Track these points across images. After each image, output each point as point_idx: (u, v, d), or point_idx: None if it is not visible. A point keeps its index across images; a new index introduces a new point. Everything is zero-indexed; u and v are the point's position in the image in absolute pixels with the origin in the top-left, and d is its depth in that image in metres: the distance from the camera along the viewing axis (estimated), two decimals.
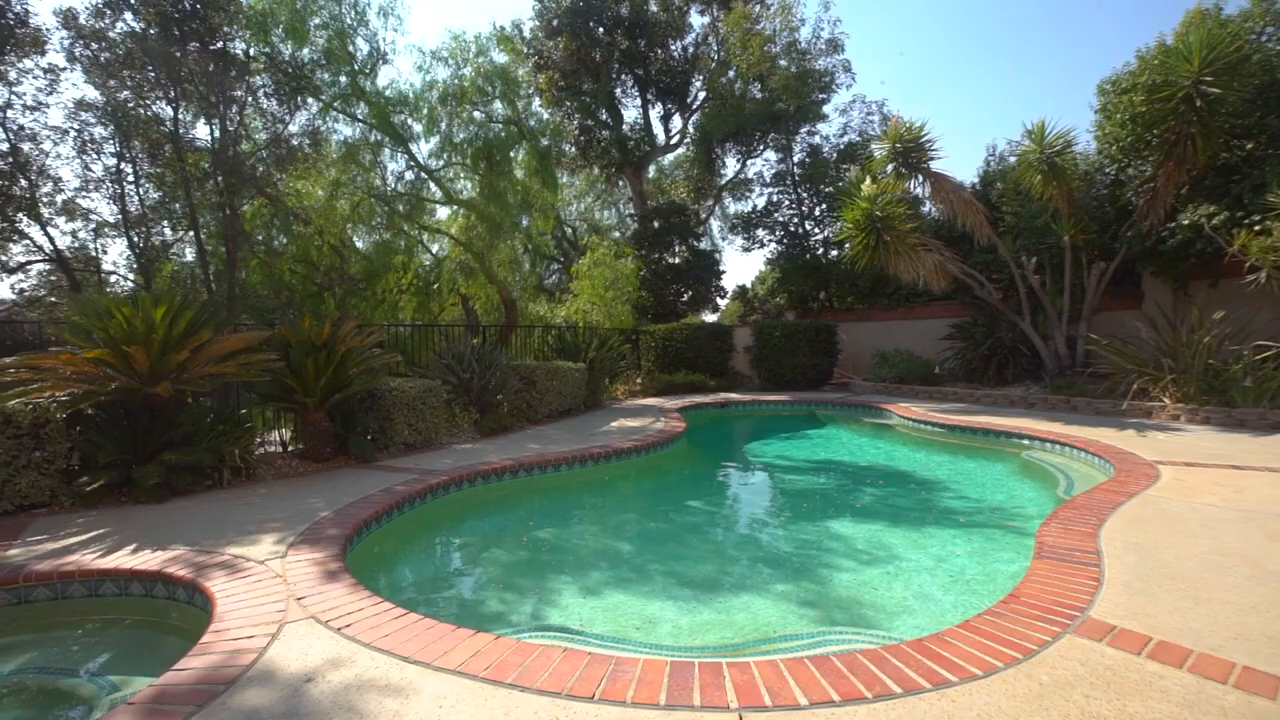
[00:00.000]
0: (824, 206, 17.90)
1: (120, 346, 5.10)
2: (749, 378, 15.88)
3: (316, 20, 11.61)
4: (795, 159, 18.43)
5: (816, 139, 18.54)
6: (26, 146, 10.51)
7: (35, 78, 10.07)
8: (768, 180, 19.58)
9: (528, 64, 19.91)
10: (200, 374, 5.52)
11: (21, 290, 12.00)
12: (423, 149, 12.80)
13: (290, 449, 7.19)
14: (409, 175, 13.04)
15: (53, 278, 12.01)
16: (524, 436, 8.71)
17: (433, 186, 13.39)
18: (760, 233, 19.19)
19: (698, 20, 21.67)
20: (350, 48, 12.01)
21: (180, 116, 10.56)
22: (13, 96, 10.54)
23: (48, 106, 10.16)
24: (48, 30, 9.75)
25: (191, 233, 11.74)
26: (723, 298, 19.98)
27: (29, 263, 11.48)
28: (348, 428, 6.91)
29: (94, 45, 9.83)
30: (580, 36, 19.25)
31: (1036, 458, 7.44)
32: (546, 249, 14.67)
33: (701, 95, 21.33)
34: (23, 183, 10.23)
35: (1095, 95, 11.66)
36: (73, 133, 10.39)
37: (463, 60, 12.55)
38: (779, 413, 12.59)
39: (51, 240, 10.78)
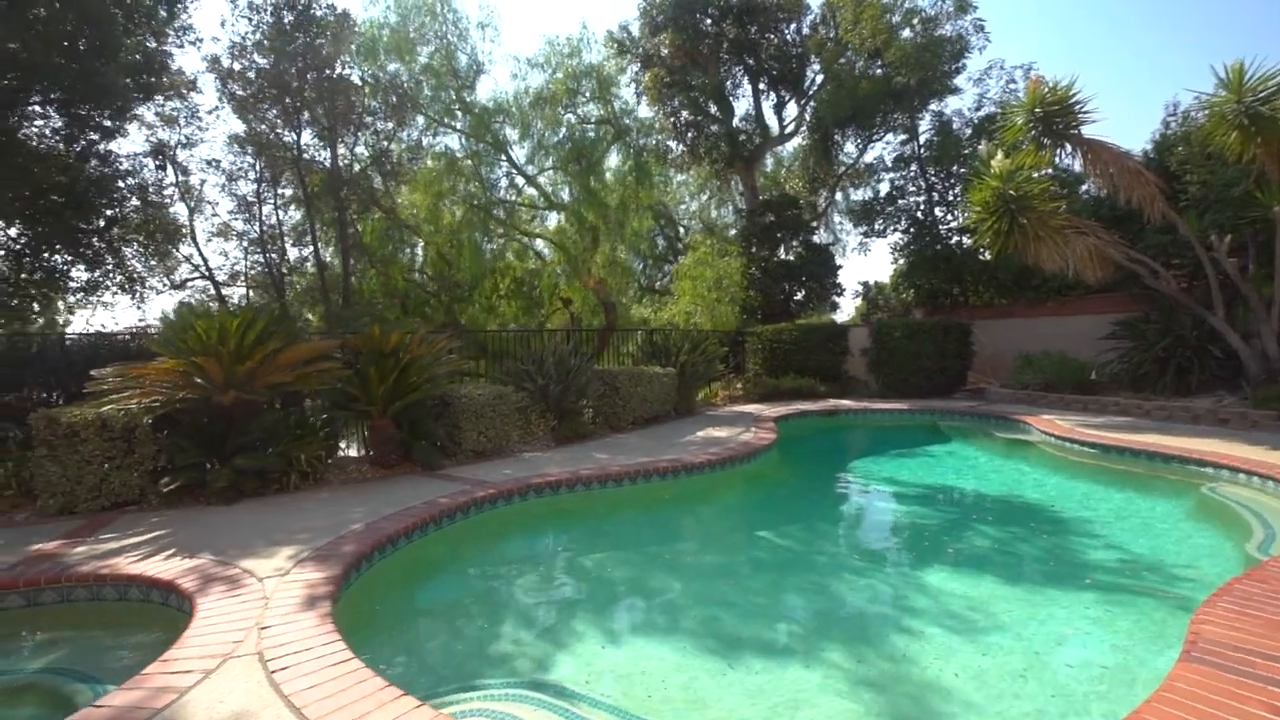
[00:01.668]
0: (958, 190, 15.83)
1: (192, 357, 5.42)
2: (865, 383, 14.39)
3: (420, 36, 12.17)
4: (922, 138, 16.50)
5: (947, 113, 16.45)
6: (191, 178, 12.11)
7: (192, 118, 11.58)
8: (889, 164, 17.75)
9: (635, 64, 19.77)
10: (266, 383, 5.75)
11: (186, 303, 13.98)
12: (518, 154, 13.08)
13: (361, 455, 7.41)
14: (504, 181, 13.38)
15: (207, 294, 13.90)
16: (599, 445, 8.38)
17: (530, 190, 13.59)
18: (882, 223, 17.43)
19: (815, 3, 20.29)
20: (452, 62, 12.48)
21: (303, 142, 11.56)
22: (183, 136, 12.18)
23: (203, 141, 11.64)
24: (193, 75, 11.18)
25: (327, 246, 12.81)
26: (840, 295, 18.46)
27: (189, 279, 13.38)
28: (414, 434, 6.96)
29: (234, 84, 11.03)
30: (686, 30, 18.71)
31: (1225, 495, 5.72)
32: (645, 250, 14.36)
33: (819, 80, 19.92)
34: (185, 210, 11.81)
35: None
36: (224, 163, 11.81)
37: (556, 64, 12.60)
38: (894, 424, 11.19)
39: (205, 260, 12.41)
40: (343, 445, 7.57)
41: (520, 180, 13.58)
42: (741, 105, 21.36)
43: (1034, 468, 7.75)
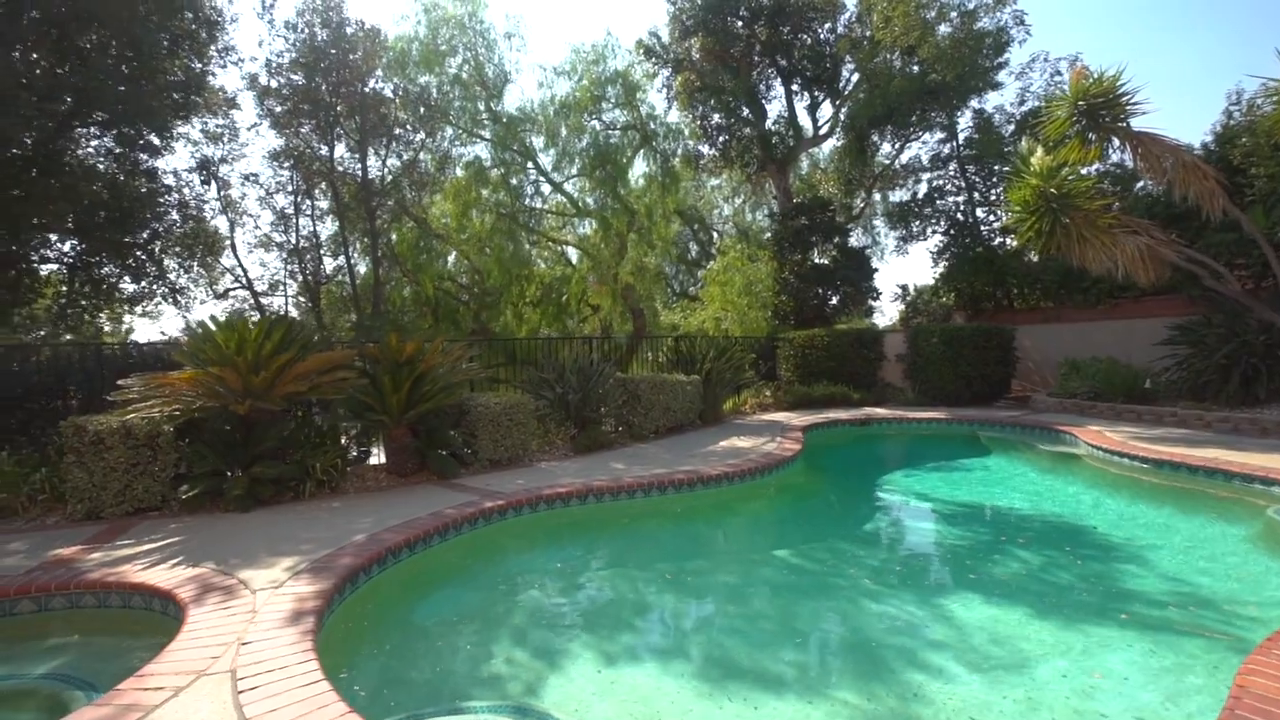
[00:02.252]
0: (1000, 189, 15.15)
1: (210, 367, 5.53)
2: (902, 390, 13.87)
3: (449, 49, 12.35)
4: (961, 136, 15.87)
5: (988, 109, 15.80)
6: (232, 192, 12.60)
7: (233, 136, 12.06)
8: (926, 164, 17.13)
9: (666, 69, 19.69)
10: (282, 392, 5.83)
11: (227, 314, 14.56)
12: (545, 161, 13.14)
13: (380, 463, 7.47)
14: (531, 188, 13.45)
15: (248, 303, 14.42)
16: (618, 455, 8.25)
17: (557, 197, 13.64)
18: (920, 224, 16.83)
19: (852, 2, 19.83)
20: (480, 73, 12.63)
21: (336, 155, 11.87)
22: (227, 151, 12.68)
23: (244, 156, 12.09)
24: (233, 93, 11.63)
25: (362, 256, 13.11)
26: (876, 300, 17.89)
27: (231, 290, 13.93)
28: (430, 443, 6.97)
29: (271, 101, 11.41)
30: (716, 33, 18.54)
31: None
32: (674, 255, 14.24)
33: (854, 79, 19.45)
34: (226, 223, 12.29)
35: None
36: (263, 176, 12.25)
37: (581, 72, 12.62)
38: (930, 434, 10.72)
39: (245, 270, 12.91)
40: (366, 454, 7.65)
41: (547, 187, 13.66)
42: (774, 107, 21.02)
43: (1079, 484, 7.25)
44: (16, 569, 4.20)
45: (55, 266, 9.39)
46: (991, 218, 15.57)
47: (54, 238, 9.29)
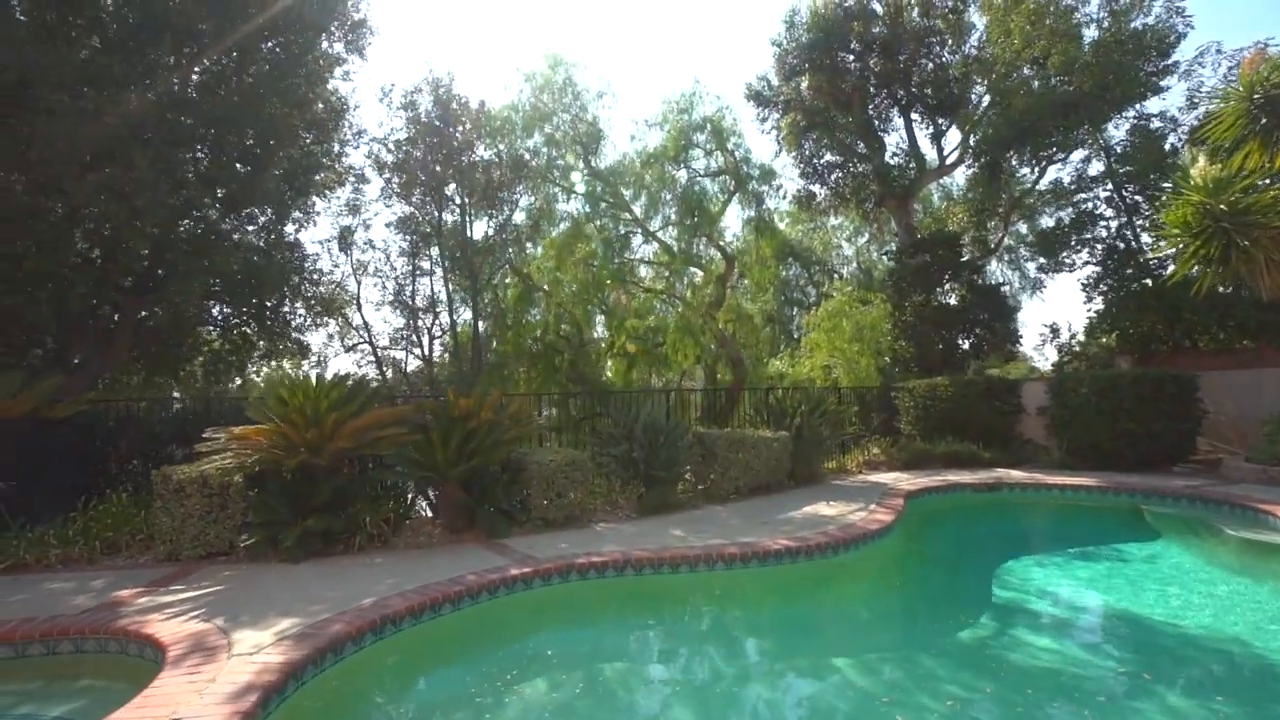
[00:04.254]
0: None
1: (271, 422, 5.91)
2: (1045, 450, 11.78)
3: (547, 113, 13.03)
4: (1116, 149, 13.65)
5: (1150, 116, 13.45)
6: (361, 256, 14.11)
7: (362, 208, 13.62)
8: (1073, 185, 14.91)
9: (775, 112, 19.38)
10: (334, 448, 6.07)
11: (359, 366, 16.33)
12: (637, 211, 13.20)
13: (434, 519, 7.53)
14: (624, 240, 13.56)
15: (371, 359, 15.94)
16: (683, 519, 7.67)
17: (651, 246, 13.66)
18: (1068, 254, 14.59)
19: (979, 19, 18.33)
20: (575, 132, 13.15)
21: (445, 218, 12.86)
22: (361, 221, 14.29)
23: (368, 226, 13.55)
24: (360, 168, 13.13)
25: (466, 311, 14.00)
26: (1015, 342, 15.67)
27: (356, 344, 15.45)
28: (481, 500, 6.91)
29: (389, 173, 12.71)
30: (824, 70, 17.94)
31: None
32: (769, 302, 13.55)
33: (984, 101, 17.77)
34: (354, 284, 13.73)
35: None
36: (381, 241, 13.60)
37: (671, 122, 12.68)
38: (1075, 506, 8.87)
39: (368, 326, 14.27)
40: (421, 508, 7.79)
41: (640, 237, 13.75)
42: (892, 139, 19.82)
43: None
44: (76, 609, 4.60)
45: (209, 328, 10.92)
46: (1161, 243, 13.08)
47: (210, 304, 10.85)
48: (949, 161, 18.81)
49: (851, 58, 18.49)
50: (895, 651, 4.72)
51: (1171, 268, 12.79)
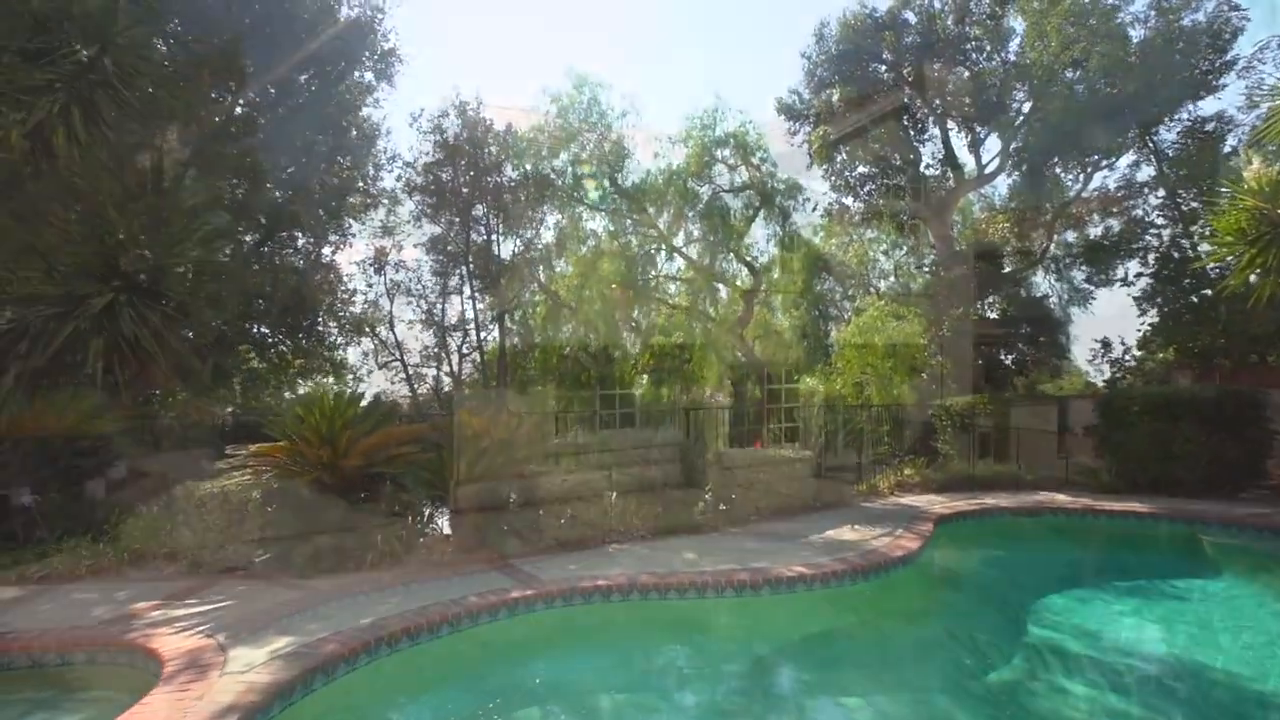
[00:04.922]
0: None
1: (288, 440, 6.05)
2: (1094, 472, 11.09)
3: (574, 133, 13.20)
4: (1168, 155, 12.93)
5: (1204, 119, 12.70)
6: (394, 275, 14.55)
7: (395, 230, 14.05)
8: (1116, 192, 14.18)
9: (806, 125, 19.18)
10: (346, 465, 6.17)
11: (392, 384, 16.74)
12: (662, 226, 13.21)
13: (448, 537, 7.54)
14: (649, 256, 13.56)
15: (402, 376, 16.27)
16: (698, 541, 7.48)
17: (676, 262, 13.64)
18: (1119, 265, 13.85)
19: (1019, 23, 17.78)
20: (600, 150, 13.28)
21: (472, 238, 13.12)
22: (393, 242, 14.72)
23: (401, 248, 13.98)
24: (393, 190, 13.53)
25: (494, 329, 14.21)
26: (1065, 357, 14.91)
27: (388, 361, 15.83)
28: (493, 519, 6.90)
29: (419, 195, 13.09)
30: (854, 81, 17.68)
31: None
32: (801, 316, 13.28)
33: (1025, 108, 17.16)
34: (387, 303, 14.14)
35: None
36: (412, 261, 14.02)
37: (695, 137, 12.68)
38: (1124, 533, 8.28)
39: (399, 344, 14.64)
40: (437, 526, 7.82)
41: (663, 253, 13.76)
42: (928, 149, 19.30)
43: None
44: (95, 620, 4.76)
45: (247, 347, 11.38)
46: (1216, 250, 12.26)
47: (249, 325, 11.32)
48: (988, 170, 18.18)
49: (884, 68, 18.17)
50: (906, 693, 4.44)
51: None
